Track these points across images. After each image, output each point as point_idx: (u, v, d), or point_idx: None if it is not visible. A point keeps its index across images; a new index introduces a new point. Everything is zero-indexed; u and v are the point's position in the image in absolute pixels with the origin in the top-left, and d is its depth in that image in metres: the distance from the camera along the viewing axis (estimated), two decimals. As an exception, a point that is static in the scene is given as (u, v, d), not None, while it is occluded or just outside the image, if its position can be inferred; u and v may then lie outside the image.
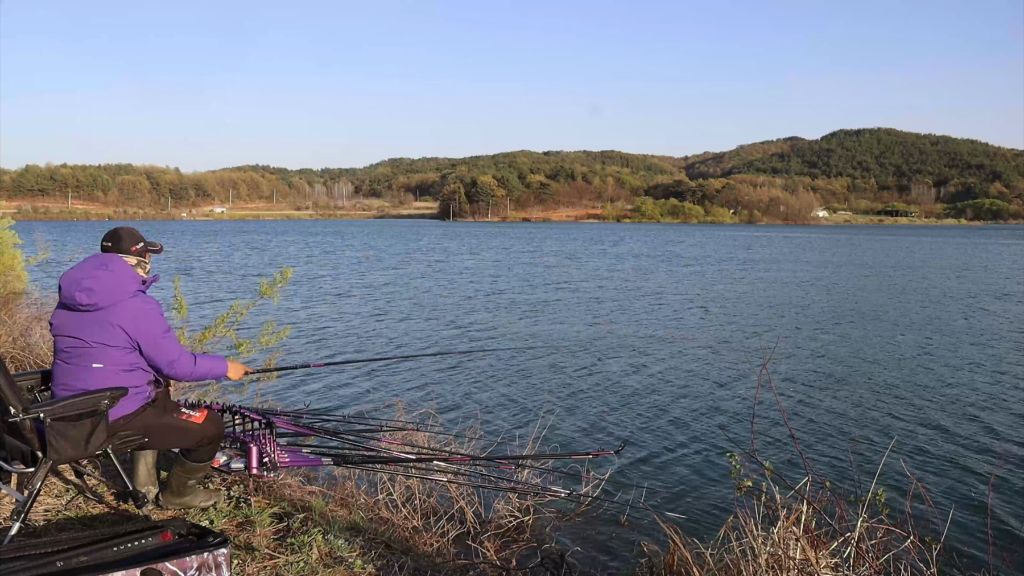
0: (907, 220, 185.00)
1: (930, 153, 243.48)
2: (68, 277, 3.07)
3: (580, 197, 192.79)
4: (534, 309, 18.45)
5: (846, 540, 2.95)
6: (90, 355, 3.04)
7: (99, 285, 3.02)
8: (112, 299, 3.04)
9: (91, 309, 3.03)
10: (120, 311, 3.04)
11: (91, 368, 3.03)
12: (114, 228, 3.32)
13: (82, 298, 3.00)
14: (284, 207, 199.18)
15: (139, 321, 3.06)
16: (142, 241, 3.33)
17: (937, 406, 9.14)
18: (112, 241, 3.25)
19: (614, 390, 9.87)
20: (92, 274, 3.05)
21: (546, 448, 6.38)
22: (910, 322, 16.38)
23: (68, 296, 3.04)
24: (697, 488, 6.32)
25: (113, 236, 3.27)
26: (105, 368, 3.04)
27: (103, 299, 3.02)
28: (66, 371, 3.08)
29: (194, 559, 2.45)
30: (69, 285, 3.04)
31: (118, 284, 3.06)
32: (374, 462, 3.98)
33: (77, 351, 3.05)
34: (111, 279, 3.05)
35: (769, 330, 15.21)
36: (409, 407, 6.32)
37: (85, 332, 3.04)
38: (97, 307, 3.03)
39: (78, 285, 3.02)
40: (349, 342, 13.45)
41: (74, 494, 3.61)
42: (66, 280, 3.07)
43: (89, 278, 3.03)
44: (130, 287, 3.09)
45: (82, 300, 3.01)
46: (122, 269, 3.12)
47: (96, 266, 3.09)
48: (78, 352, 3.05)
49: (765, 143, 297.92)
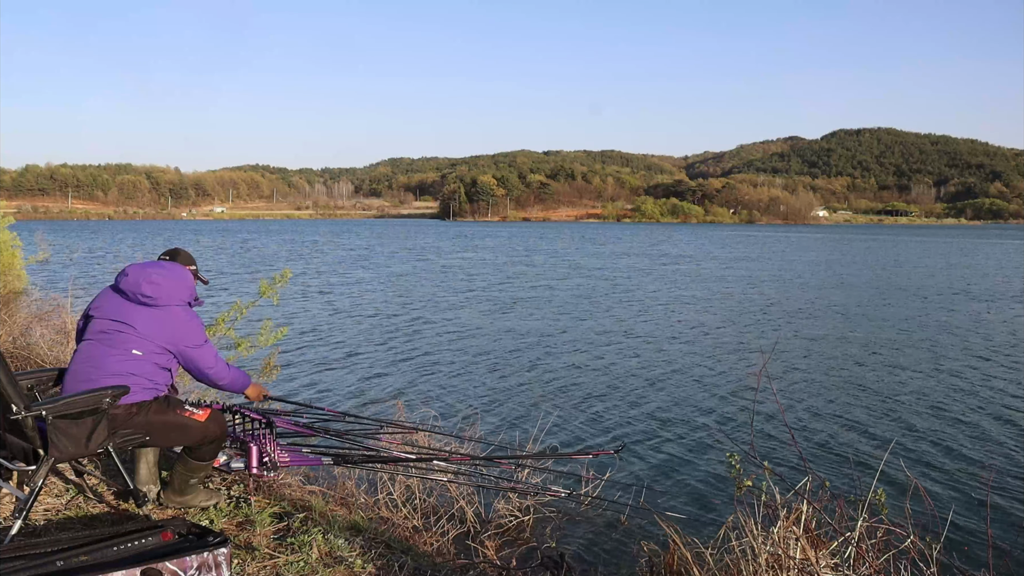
0: (907, 220, 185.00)
1: (930, 153, 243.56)
2: (138, 268, 3.28)
3: (580, 197, 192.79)
4: (533, 309, 18.46)
5: (846, 540, 2.95)
6: (132, 342, 3.18)
7: (165, 283, 3.24)
8: (169, 300, 3.25)
9: (149, 302, 3.21)
10: (171, 314, 3.25)
11: (131, 353, 3.17)
12: (175, 247, 3.62)
13: (148, 289, 3.20)
14: (284, 207, 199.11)
15: (186, 329, 3.27)
16: (195, 265, 3.63)
17: (937, 406, 9.13)
18: (171, 256, 3.53)
19: (614, 390, 9.87)
20: (162, 271, 3.28)
21: (546, 448, 6.38)
22: (910, 322, 16.38)
23: (133, 284, 3.21)
24: (697, 488, 6.32)
25: (173, 252, 3.56)
26: (142, 356, 3.18)
27: (163, 297, 3.23)
28: (100, 351, 3.17)
29: (194, 559, 2.45)
30: (137, 274, 3.24)
31: (179, 289, 3.30)
32: (374, 462, 3.98)
33: (120, 335, 3.18)
34: (177, 281, 3.30)
35: (768, 330, 15.21)
36: (409, 407, 6.33)
37: (136, 320, 3.19)
38: (155, 302, 3.21)
39: (147, 277, 3.22)
40: (348, 343, 13.45)
41: (74, 493, 3.61)
42: (134, 269, 3.27)
43: (159, 274, 3.25)
44: (186, 296, 3.34)
45: (147, 291, 3.20)
46: (186, 278, 3.39)
47: (165, 267, 3.33)
48: (121, 337, 3.18)
49: (765, 143, 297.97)
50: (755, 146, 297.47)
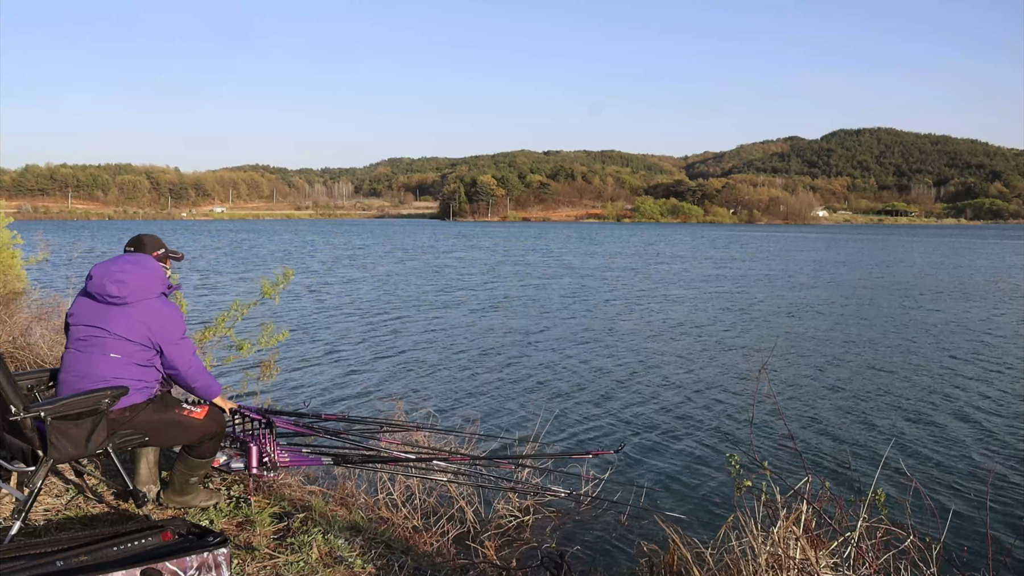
0: (907, 220, 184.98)
1: (930, 153, 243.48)
2: (101, 268, 3.15)
3: (580, 197, 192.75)
4: (533, 309, 18.45)
5: (846, 540, 2.95)
6: (110, 345, 3.08)
7: (131, 279, 3.10)
8: (140, 295, 3.12)
9: (118, 302, 3.10)
10: (146, 308, 3.12)
11: (109, 357, 3.08)
12: (138, 234, 3.41)
13: (113, 289, 3.08)
14: (284, 207, 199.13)
15: (163, 321, 3.14)
16: (163, 248, 3.40)
17: (937, 406, 9.13)
18: (135, 246, 3.35)
19: (614, 390, 9.87)
20: (125, 268, 3.13)
21: (546, 448, 6.38)
22: (911, 322, 16.37)
23: (99, 286, 3.10)
24: (697, 488, 6.32)
25: (136, 241, 3.35)
26: (122, 359, 3.09)
27: (132, 294, 3.10)
28: (81, 360, 3.11)
29: (194, 559, 2.45)
30: (101, 275, 3.11)
31: (148, 282, 3.15)
32: (374, 462, 3.97)
33: (97, 340, 3.09)
34: (144, 276, 3.15)
35: (769, 330, 15.20)
36: (409, 407, 6.33)
37: (108, 323, 3.09)
38: (125, 301, 3.10)
39: (111, 276, 3.09)
40: (347, 343, 13.44)
41: (74, 494, 3.60)
42: (98, 270, 3.14)
43: (122, 271, 3.11)
44: (157, 287, 3.19)
45: (112, 291, 3.08)
46: (154, 268, 3.22)
47: (130, 261, 3.18)
48: (98, 341, 3.09)
49: (765, 143, 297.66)
50: (755, 146, 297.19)
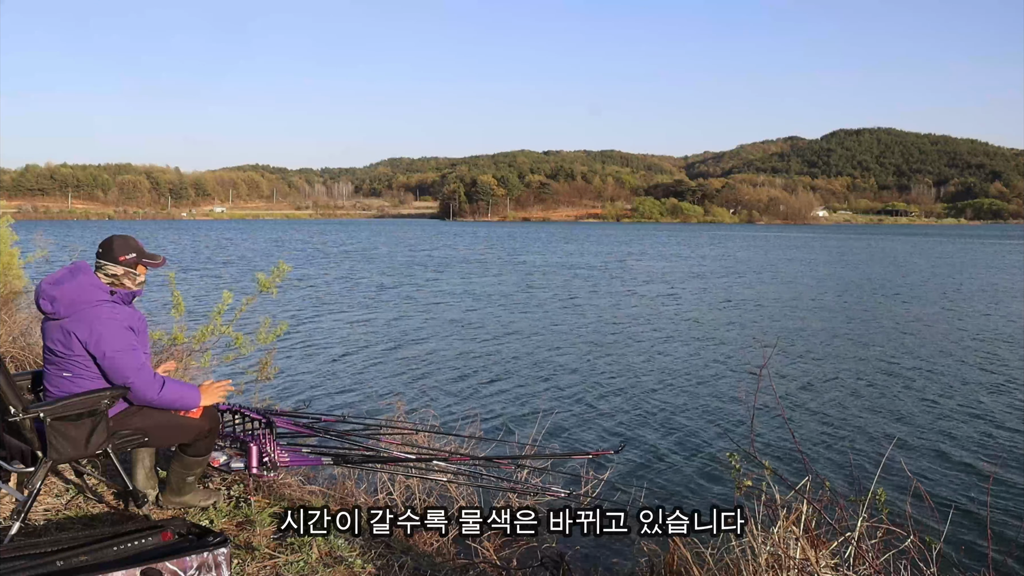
0: (907, 220, 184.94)
1: (930, 153, 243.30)
2: (39, 285, 3.04)
3: (580, 197, 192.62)
4: (532, 309, 18.45)
5: (846, 540, 2.95)
6: (60, 363, 3.01)
7: (60, 294, 2.95)
8: (72, 309, 2.96)
9: (54, 317, 2.99)
10: (78, 321, 2.95)
11: (62, 376, 3.01)
12: (111, 235, 3.20)
13: (46, 306, 2.97)
14: (284, 207, 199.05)
15: (94, 332, 2.94)
16: (135, 252, 3.15)
17: (937, 406, 9.13)
18: (103, 248, 3.15)
19: (614, 390, 9.87)
20: (57, 281, 3.00)
21: (546, 448, 6.37)
22: (911, 321, 16.37)
23: (38, 305, 3.02)
24: (697, 488, 6.32)
25: (105, 243, 3.16)
26: (73, 377, 2.99)
27: (63, 308, 2.96)
28: (47, 377, 3.10)
29: (194, 559, 2.45)
30: (38, 293, 3.02)
31: (79, 294, 2.97)
32: (374, 462, 3.97)
33: (52, 358, 3.04)
34: (73, 288, 2.97)
35: (768, 330, 15.21)
36: (409, 407, 6.33)
37: (53, 341, 3.01)
38: (59, 316, 2.97)
39: (44, 293, 2.98)
40: (347, 343, 13.44)
41: (74, 494, 3.61)
42: (37, 288, 3.04)
43: (52, 286, 2.98)
44: (92, 296, 2.98)
45: (46, 308, 2.98)
46: (86, 278, 3.02)
47: (64, 274, 3.04)
48: (52, 360, 3.04)
49: (765, 143, 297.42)
50: (755, 146, 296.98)
